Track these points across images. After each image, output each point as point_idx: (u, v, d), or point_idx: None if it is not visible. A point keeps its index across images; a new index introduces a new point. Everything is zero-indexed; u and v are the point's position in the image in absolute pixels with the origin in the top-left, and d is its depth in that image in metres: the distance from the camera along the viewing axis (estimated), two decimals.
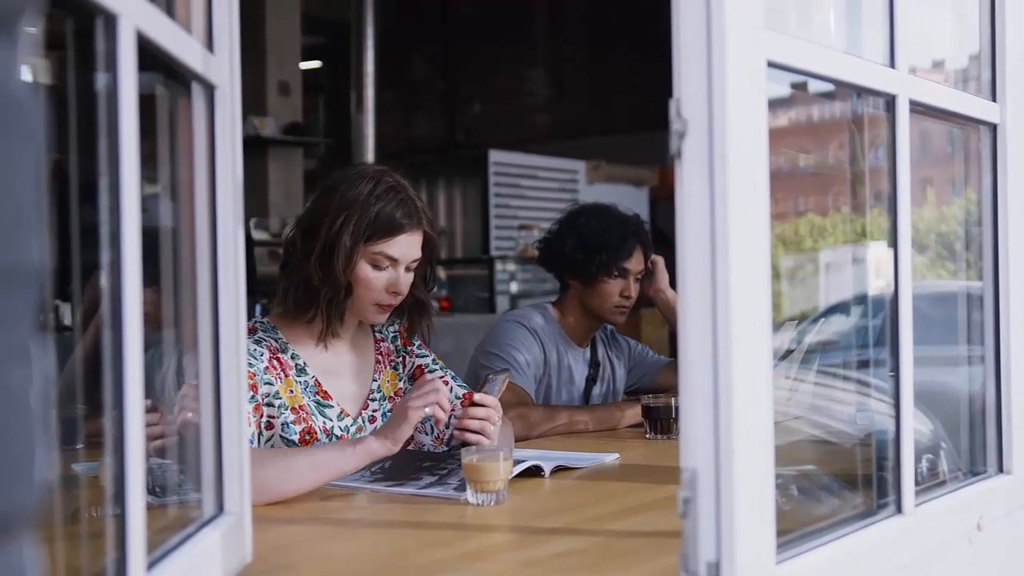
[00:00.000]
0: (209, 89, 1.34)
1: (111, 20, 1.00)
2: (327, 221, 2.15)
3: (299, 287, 2.19)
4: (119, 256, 1.01)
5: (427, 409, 1.96)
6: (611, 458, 2.33)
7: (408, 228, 2.20)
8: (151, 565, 1.09)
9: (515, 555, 1.59)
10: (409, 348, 2.42)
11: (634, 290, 2.98)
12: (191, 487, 1.40)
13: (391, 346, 2.40)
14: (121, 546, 1.01)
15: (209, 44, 1.34)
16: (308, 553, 1.61)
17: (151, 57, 1.11)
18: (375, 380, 2.33)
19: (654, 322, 6.66)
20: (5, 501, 0.53)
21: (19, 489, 0.54)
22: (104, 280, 1.01)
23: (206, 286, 1.35)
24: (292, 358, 2.21)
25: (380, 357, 2.37)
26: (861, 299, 2.08)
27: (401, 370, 2.40)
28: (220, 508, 1.36)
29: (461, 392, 2.37)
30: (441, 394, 1.98)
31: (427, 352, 2.45)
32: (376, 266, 2.19)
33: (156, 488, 1.34)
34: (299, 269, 2.18)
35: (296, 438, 2.14)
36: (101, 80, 1.02)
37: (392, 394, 2.35)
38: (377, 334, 2.40)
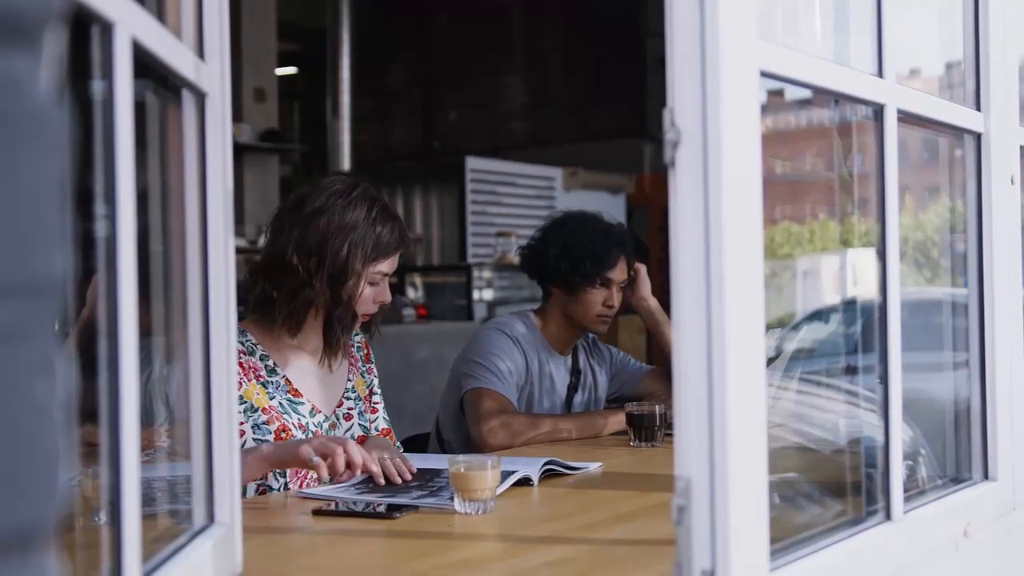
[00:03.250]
0: (200, 97, 1.33)
1: (107, 28, 0.99)
2: (330, 245, 2.21)
3: (302, 308, 2.25)
4: (115, 264, 1.00)
5: (315, 459, 1.94)
6: (595, 466, 2.33)
7: (403, 246, 2.32)
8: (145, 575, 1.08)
9: (506, 564, 1.58)
10: (368, 365, 2.51)
11: (617, 299, 2.98)
12: (175, 497, 1.40)
13: (358, 354, 2.49)
14: (116, 556, 1.00)
15: (200, 52, 1.34)
16: (298, 564, 1.60)
17: (142, 64, 1.11)
18: (350, 380, 2.42)
19: (631, 329, 6.68)
20: (31, 513, 0.53)
21: (44, 501, 0.54)
22: (100, 288, 1.00)
23: (196, 295, 1.35)
24: (261, 359, 2.26)
25: (352, 360, 2.45)
26: (840, 306, 2.10)
27: (367, 376, 2.49)
28: (211, 518, 1.35)
29: (383, 426, 2.42)
30: (338, 457, 1.96)
31: (375, 374, 2.53)
32: (372, 283, 2.28)
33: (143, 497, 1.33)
34: (302, 291, 2.22)
35: (271, 437, 2.20)
36: (96, 87, 1.01)
37: (363, 396, 2.44)
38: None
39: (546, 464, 2.18)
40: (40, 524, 0.54)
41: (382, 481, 2.05)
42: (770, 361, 2.24)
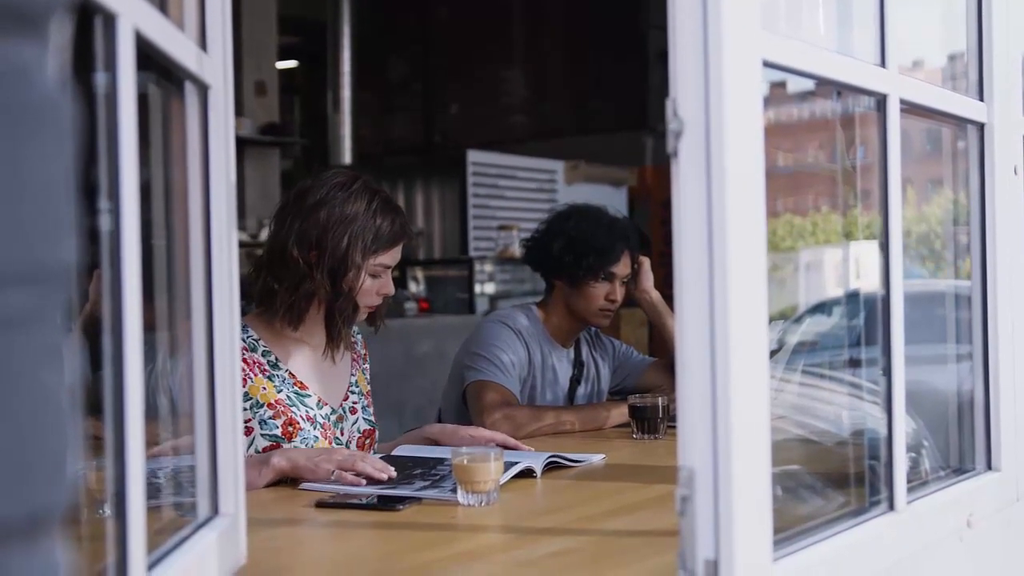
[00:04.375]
0: (203, 89, 1.33)
1: (110, 19, 0.99)
2: (330, 237, 2.22)
3: (303, 300, 2.25)
4: (119, 257, 1.00)
5: (334, 474, 2.01)
6: (598, 458, 2.33)
7: (404, 238, 2.31)
8: (150, 567, 1.08)
9: (510, 555, 1.59)
10: (366, 364, 2.52)
11: (620, 294, 2.98)
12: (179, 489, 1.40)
13: (360, 351, 2.50)
14: (121, 548, 1.00)
15: (203, 43, 1.34)
16: (302, 555, 1.60)
17: (145, 56, 1.11)
18: (352, 375, 2.43)
19: (633, 322, 6.68)
20: (40, 500, 0.53)
21: (53, 488, 0.54)
22: (104, 282, 1.00)
23: (200, 288, 1.35)
24: (263, 355, 2.27)
25: (355, 356, 2.46)
26: (843, 299, 2.10)
27: (366, 375, 2.50)
28: (215, 510, 1.36)
29: (365, 427, 2.42)
30: (358, 466, 2.02)
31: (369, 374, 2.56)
32: (373, 276, 2.28)
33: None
34: (303, 283, 2.22)
35: (279, 432, 2.21)
36: (100, 79, 1.01)
37: (365, 392, 2.46)
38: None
39: (549, 457, 2.18)
40: (49, 511, 0.54)
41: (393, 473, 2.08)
42: (772, 353, 2.24)
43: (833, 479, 1.72)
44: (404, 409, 5.52)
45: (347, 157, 8.81)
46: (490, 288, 7.39)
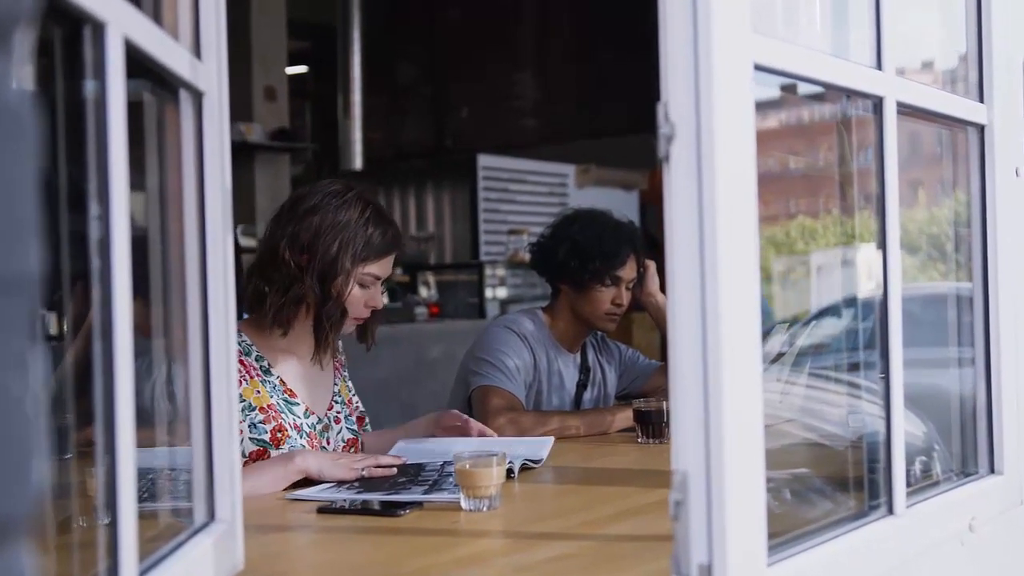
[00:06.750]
0: (197, 96, 1.34)
1: (99, 28, 0.99)
2: (321, 242, 2.24)
3: (292, 304, 2.26)
4: (108, 264, 1.00)
5: (366, 471, 2.12)
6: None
7: (395, 250, 2.33)
8: (143, 573, 1.08)
9: (509, 560, 1.58)
10: (345, 372, 2.53)
11: (626, 298, 2.98)
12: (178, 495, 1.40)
13: (342, 358, 2.52)
14: (113, 554, 1.01)
15: (197, 51, 1.34)
16: (300, 561, 1.60)
17: (138, 64, 1.11)
18: (336, 385, 2.45)
19: (644, 326, 6.66)
20: (3, 507, 0.53)
21: (17, 495, 0.54)
22: (94, 289, 1.00)
23: (196, 295, 1.35)
24: (256, 360, 2.29)
25: (337, 365, 2.48)
26: (852, 302, 2.09)
27: (349, 383, 2.51)
28: (211, 516, 1.36)
29: (348, 436, 2.44)
30: (381, 461, 2.18)
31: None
32: (362, 285, 2.30)
33: (144, 495, 1.34)
34: (292, 286, 2.24)
35: (267, 437, 2.23)
36: (89, 87, 1.02)
37: (347, 400, 2.47)
38: None
39: (523, 463, 2.20)
40: (15, 517, 0.54)
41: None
42: (780, 356, 2.23)
43: (836, 482, 1.71)
44: (415, 413, 5.50)
45: (358, 162, 8.81)
46: (501, 292, 7.39)
